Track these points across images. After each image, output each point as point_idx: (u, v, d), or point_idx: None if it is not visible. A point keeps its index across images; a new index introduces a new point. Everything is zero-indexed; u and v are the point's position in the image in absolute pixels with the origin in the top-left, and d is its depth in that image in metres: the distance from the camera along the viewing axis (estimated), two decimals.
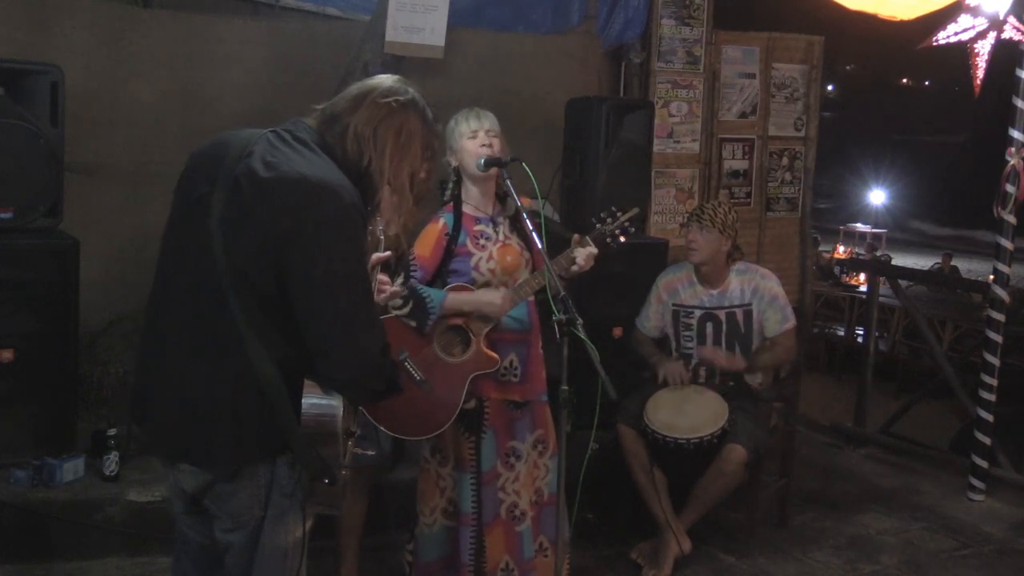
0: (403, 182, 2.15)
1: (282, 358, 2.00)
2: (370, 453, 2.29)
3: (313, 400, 2.02)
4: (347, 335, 1.99)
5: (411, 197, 2.18)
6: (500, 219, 3.26)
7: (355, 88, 2.18)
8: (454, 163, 3.22)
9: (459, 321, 3.15)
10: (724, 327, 4.02)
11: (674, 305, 4.10)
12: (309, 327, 1.99)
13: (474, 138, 3.15)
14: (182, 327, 2.06)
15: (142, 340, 2.18)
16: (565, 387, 2.75)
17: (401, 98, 2.15)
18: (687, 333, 4.08)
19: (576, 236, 3.18)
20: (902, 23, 4.48)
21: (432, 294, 3.09)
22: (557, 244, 3.24)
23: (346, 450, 2.12)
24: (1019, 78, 4.59)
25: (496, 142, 3.17)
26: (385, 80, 2.20)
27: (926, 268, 16.19)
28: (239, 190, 1.99)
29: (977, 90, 4.70)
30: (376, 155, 2.10)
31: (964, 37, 4.61)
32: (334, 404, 2.03)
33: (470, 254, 3.18)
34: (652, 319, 4.18)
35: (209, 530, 2.18)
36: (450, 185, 3.26)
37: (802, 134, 6.17)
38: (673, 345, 4.14)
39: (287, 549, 2.14)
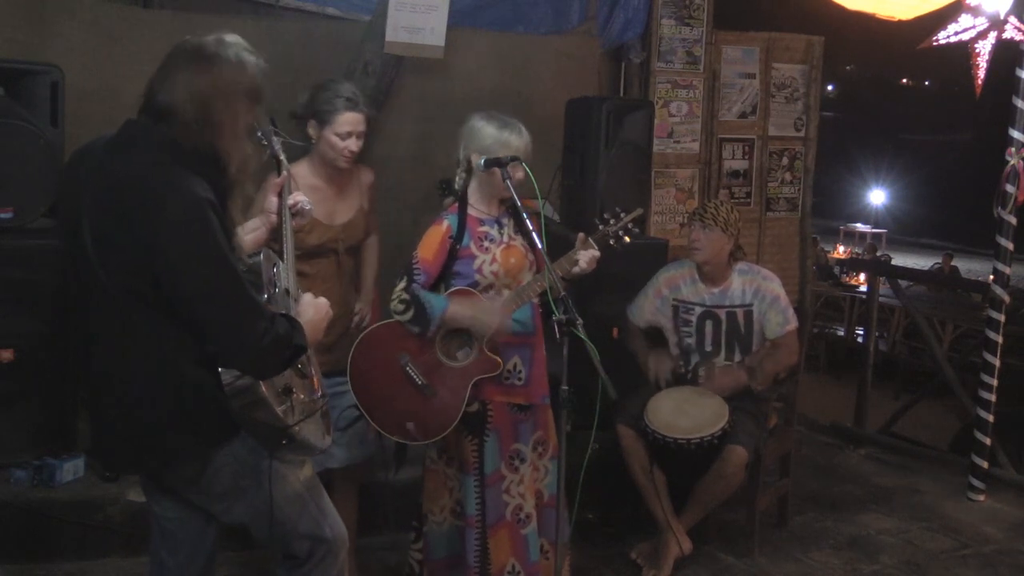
0: (244, 146, 2.18)
1: (200, 354, 2.07)
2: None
3: (228, 381, 2.09)
4: (228, 328, 2.04)
5: (251, 149, 2.23)
6: (505, 220, 3.24)
7: (167, 65, 2.12)
8: (464, 155, 3.15)
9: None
10: (724, 326, 4.02)
11: (675, 300, 4.10)
12: (197, 325, 2.05)
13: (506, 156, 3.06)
14: (107, 354, 2.13)
15: (82, 376, 2.26)
16: (565, 387, 2.74)
17: (208, 53, 2.12)
18: (686, 329, 4.07)
19: (581, 235, 3.16)
20: (902, 23, 4.48)
21: (434, 302, 3.07)
22: (558, 244, 3.23)
23: (294, 406, 2.19)
24: (1019, 78, 4.59)
25: (520, 172, 3.08)
26: (190, 45, 2.15)
27: (926, 268, 16.19)
28: (98, 214, 2.03)
29: (978, 90, 4.69)
30: (216, 134, 2.11)
31: (964, 37, 4.60)
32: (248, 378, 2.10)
33: (473, 256, 3.16)
34: (645, 311, 4.17)
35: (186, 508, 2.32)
36: (459, 178, 3.22)
37: (802, 134, 6.17)
38: (673, 340, 4.14)
39: (299, 492, 2.30)
